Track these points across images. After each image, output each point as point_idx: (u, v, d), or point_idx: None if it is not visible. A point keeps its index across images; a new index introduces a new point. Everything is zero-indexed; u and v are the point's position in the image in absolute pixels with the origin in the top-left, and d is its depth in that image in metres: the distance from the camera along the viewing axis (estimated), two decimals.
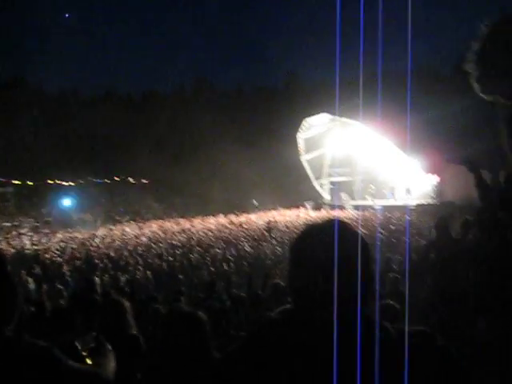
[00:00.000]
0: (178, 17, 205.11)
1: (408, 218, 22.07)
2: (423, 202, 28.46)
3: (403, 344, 1.07)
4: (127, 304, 3.60)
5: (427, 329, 1.15)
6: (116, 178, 55.58)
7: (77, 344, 2.07)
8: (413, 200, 30.00)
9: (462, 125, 25.03)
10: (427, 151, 25.79)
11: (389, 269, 7.95)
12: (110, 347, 2.18)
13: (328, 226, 1.20)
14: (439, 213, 13.13)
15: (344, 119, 33.22)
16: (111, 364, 2.05)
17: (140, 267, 13.16)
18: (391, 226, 18.34)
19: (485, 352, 3.97)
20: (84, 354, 2.05)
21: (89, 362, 2.02)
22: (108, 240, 23.78)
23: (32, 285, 11.59)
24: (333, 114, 34.00)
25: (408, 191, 30.83)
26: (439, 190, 28.33)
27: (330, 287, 1.10)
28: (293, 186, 43.41)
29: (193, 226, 28.66)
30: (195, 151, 49.62)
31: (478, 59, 1.41)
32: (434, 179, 28.94)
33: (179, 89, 67.73)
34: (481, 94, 1.47)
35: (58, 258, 16.81)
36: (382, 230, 16.39)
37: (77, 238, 26.66)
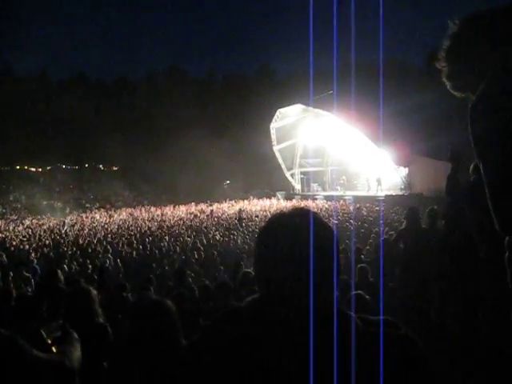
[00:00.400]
0: (151, 4, 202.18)
1: (378, 208, 22.32)
2: (392, 193, 28.89)
3: (368, 333, 1.08)
4: (95, 292, 3.56)
5: (390, 318, 1.16)
6: (86, 165, 54.73)
7: (42, 332, 2.04)
8: (383, 191, 30.42)
9: (432, 117, 25.42)
10: (397, 143, 26.16)
11: (359, 259, 8.03)
12: (76, 336, 2.15)
13: (294, 214, 1.20)
14: (408, 203, 13.33)
15: (316, 110, 33.26)
16: (77, 353, 2.03)
17: (109, 255, 13.01)
18: (361, 217, 18.53)
19: (450, 342, 4.07)
20: (49, 342, 2.03)
21: (54, 350, 1.99)
22: (77, 227, 23.45)
23: None
24: (306, 104, 34.06)
25: (378, 182, 31.20)
26: (408, 182, 28.78)
27: (292, 276, 1.11)
28: (265, 176, 43.44)
29: (163, 215, 28.51)
30: (166, 139, 49.12)
31: (448, 56, 1.42)
32: (403, 171, 29.37)
33: (151, 76, 66.87)
34: (452, 91, 1.48)
35: (26, 246, 16.48)
36: (352, 221, 16.54)
37: (45, 224, 26.25)
